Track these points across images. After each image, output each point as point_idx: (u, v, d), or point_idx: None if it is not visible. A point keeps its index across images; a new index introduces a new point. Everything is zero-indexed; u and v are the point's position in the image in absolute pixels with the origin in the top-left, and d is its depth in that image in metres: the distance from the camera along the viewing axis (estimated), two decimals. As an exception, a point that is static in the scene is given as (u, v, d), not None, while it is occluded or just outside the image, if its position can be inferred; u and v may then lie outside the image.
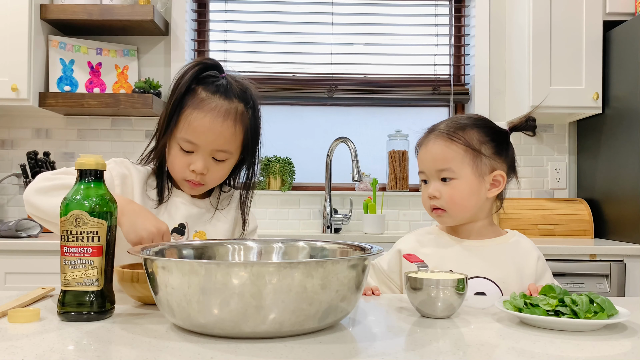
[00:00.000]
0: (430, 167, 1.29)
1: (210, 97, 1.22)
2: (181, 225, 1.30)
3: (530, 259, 1.30)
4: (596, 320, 0.84)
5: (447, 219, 1.30)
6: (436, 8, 3.04)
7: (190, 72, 1.24)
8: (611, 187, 2.50)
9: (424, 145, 1.31)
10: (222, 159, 1.25)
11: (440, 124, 1.32)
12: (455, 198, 1.26)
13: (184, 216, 1.31)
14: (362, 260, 0.84)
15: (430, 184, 1.29)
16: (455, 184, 1.26)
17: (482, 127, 1.29)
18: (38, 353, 0.71)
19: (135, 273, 0.98)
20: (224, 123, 1.21)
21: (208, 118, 1.20)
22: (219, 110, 1.21)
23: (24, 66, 2.45)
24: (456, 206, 1.27)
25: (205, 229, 1.33)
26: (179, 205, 1.31)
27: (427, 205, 1.32)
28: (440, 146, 1.27)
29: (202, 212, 1.34)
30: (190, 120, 1.21)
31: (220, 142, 1.22)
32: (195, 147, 1.22)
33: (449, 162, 1.26)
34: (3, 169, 2.80)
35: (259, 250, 1.08)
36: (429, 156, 1.29)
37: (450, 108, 3.02)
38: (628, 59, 2.36)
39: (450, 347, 0.77)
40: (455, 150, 1.26)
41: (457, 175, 1.26)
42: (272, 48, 3.01)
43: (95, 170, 0.92)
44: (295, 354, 0.72)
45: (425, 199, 1.31)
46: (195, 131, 1.21)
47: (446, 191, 1.26)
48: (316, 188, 2.92)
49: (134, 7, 2.58)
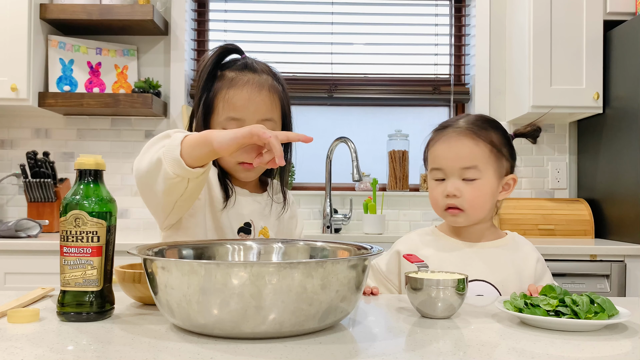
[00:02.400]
0: (453, 165, 1.23)
1: (240, 74, 1.25)
2: (247, 224, 1.29)
3: (530, 261, 1.29)
4: (597, 321, 0.84)
5: (461, 219, 1.26)
6: (436, 8, 3.04)
7: (211, 59, 1.26)
8: (612, 187, 2.50)
9: (444, 141, 1.26)
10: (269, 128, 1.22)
11: (456, 121, 1.27)
12: (476, 199, 1.23)
13: (249, 214, 1.29)
14: (362, 261, 0.84)
15: (449, 182, 1.24)
16: (478, 185, 1.23)
17: (500, 129, 1.28)
18: (38, 353, 0.71)
19: (137, 274, 0.98)
20: (261, 92, 1.23)
21: (245, 90, 1.22)
22: (252, 82, 1.24)
23: (24, 66, 2.45)
24: (475, 207, 1.24)
25: (267, 224, 1.32)
26: (242, 203, 1.29)
27: (440, 204, 1.26)
28: (467, 144, 1.23)
29: (262, 207, 1.32)
30: (227, 99, 1.23)
31: (263, 110, 1.23)
32: (240, 122, 1.21)
33: (475, 161, 1.22)
34: (2, 169, 2.80)
35: (259, 250, 1.08)
36: (453, 153, 1.24)
37: (450, 108, 3.02)
38: (628, 59, 2.36)
39: (451, 347, 0.77)
40: (482, 149, 1.23)
41: (482, 175, 1.23)
42: (272, 48, 3.01)
43: (95, 170, 0.92)
44: (295, 354, 0.72)
45: (439, 197, 1.25)
46: (236, 106, 1.22)
47: (468, 191, 1.22)
48: (316, 188, 2.92)
49: (133, 6, 2.58)
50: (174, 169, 0.97)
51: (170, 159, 0.97)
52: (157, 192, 1.04)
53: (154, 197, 1.07)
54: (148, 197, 1.10)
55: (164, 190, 1.03)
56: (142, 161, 1.04)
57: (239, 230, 1.27)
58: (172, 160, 0.97)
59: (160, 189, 1.03)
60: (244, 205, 1.29)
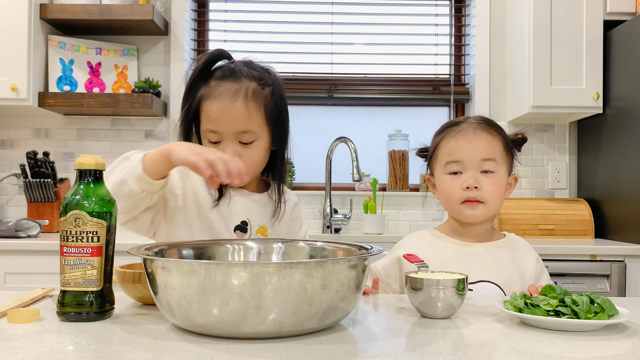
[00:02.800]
0: (474, 156, 1.23)
1: (218, 83, 1.22)
2: (243, 223, 1.29)
3: (530, 260, 1.30)
4: (597, 321, 0.84)
5: (480, 212, 1.25)
6: (436, 8, 3.04)
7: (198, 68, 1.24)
8: (612, 187, 2.50)
9: (462, 135, 1.25)
10: (249, 140, 1.21)
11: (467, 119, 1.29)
12: (495, 191, 1.23)
13: (245, 213, 1.29)
14: (362, 261, 0.84)
15: (468, 174, 1.24)
16: (496, 178, 1.24)
17: (503, 130, 1.31)
18: (38, 353, 0.71)
19: (137, 274, 0.98)
20: (235, 103, 1.19)
21: (217, 102, 1.19)
22: (227, 92, 1.20)
23: (24, 66, 2.45)
24: (495, 200, 1.24)
25: (266, 224, 1.32)
26: (238, 203, 1.29)
27: (457, 197, 1.24)
28: (487, 137, 1.25)
29: (261, 206, 1.32)
30: (204, 110, 1.21)
31: (239, 122, 1.19)
32: (218, 135, 1.21)
33: (494, 153, 1.24)
34: (2, 169, 2.80)
35: (259, 250, 1.08)
36: (473, 145, 1.24)
37: (450, 108, 3.02)
38: (628, 59, 2.36)
39: (451, 347, 0.77)
40: (499, 144, 1.25)
41: (498, 170, 1.24)
42: (272, 48, 3.01)
43: (95, 170, 0.92)
44: (295, 354, 0.72)
45: (456, 189, 1.24)
46: (211, 118, 1.20)
47: (488, 183, 1.23)
48: (316, 188, 2.92)
49: (133, 6, 2.58)
50: (140, 184, 1.06)
51: (135, 176, 1.06)
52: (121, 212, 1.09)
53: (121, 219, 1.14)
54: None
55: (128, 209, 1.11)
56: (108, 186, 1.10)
57: (235, 229, 1.28)
58: (136, 177, 1.06)
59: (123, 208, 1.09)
60: (241, 204, 1.29)
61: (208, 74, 1.25)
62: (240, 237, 1.27)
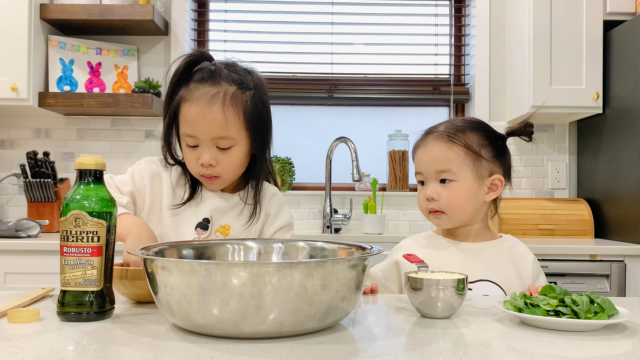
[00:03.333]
0: (429, 168, 1.27)
1: (197, 87, 1.20)
2: (205, 220, 1.30)
3: (527, 261, 1.30)
4: (596, 321, 0.84)
5: (444, 222, 1.29)
6: (436, 8, 3.04)
7: (178, 70, 1.24)
8: (611, 187, 2.50)
9: (423, 146, 1.30)
10: (226, 146, 1.21)
11: (438, 126, 1.31)
12: (454, 200, 1.25)
13: (210, 210, 1.30)
14: (362, 260, 0.84)
15: (428, 186, 1.28)
16: (455, 186, 1.25)
17: (481, 130, 1.29)
18: (38, 353, 0.71)
19: (124, 270, 0.98)
20: (212, 108, 1.17)
21: (194, 106, 1.18)
22: (204, 96, 1.18)
23: (24, 66, 2.45)
24: (455, 209, 1.26)
25: (231, 223, 1.31)
26: (206, 200, 1.31)
27: (423, 208, 1.30)
28: (441, 147, 1.26)
29: (230, 205, 1.32)
30: (182, 114, 1.21)
31: (215, 128, 1.18)
32: (196, 139, 1.21)
33: (449, 164, 1.25)
34: (3, 169, 2.80)
35: (259, 250, 1.08)
36: (429, 157, 1.27)
37: (450, 108, 3.02)
38: (628, 59, 2.36)
39: (451, 347, 0.77)
40: (456, 152, 1.25)
41: (457, 177, 1.25)
42: (272, 48, 3.01)
43: (95, 170, 0.92)
44: (295, 354, 0.72)
45: (422, 200, 1.29)
46: (189, 123, 1.20)
47: (445, 193, 1.25)
48: (316, 188, 2.92)
49: (133, 7, 2.58)
50: None
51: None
52: None
53: None
54: None
55: None
56: None
57: (196, 226, 1.29)
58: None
59: None
60: (208, 202, 1.31)
61: (188, 76, 1.23)
62: (199, 234, 1.28)
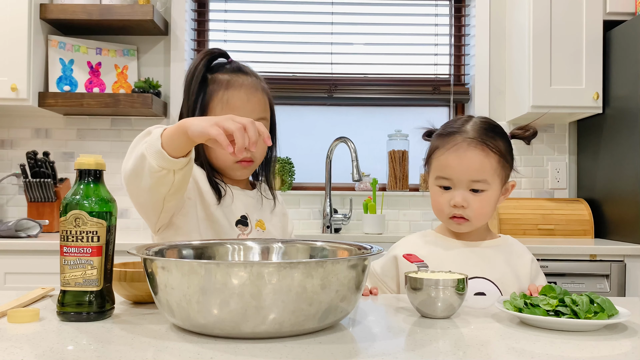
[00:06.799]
0: (462, 177, 1.21)
1: (235, 77, 1.30)
2: (243, 217, 1.32)
3: (525, 260, 1.30)
4: (596, 321, 0.84)
5: (465, 227, 1.26)
6: (436, 8, 3.04)
7: (202, 62, 1.30)
8: (611, 187, 2.50)
9: (454, 151, 1.22)
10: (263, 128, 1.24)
11: (464, 127, 1.24)
12: (482, 209, 1.22)
13: (243, 207, 1.33)
14: (362, 260, 0.84)
15: (456, 192, 1.22)
16: (485, 196, 1.22)
17: (504, 135, 1.26)
18: (38, 353, 0.71)
19: (123, 272, 0.98)
20: (256, 93, 1.30)
21: (243, 91, 1.28)
22: (248, 84, 1.30)
23: (24, 66, 2.45)
24: (480, 217, 1.24)
25: (262, 218, 1.37)
26: (236, 199, 1.32)
27: (446, 212, 1.24)
28: (479, 156, 1.20)
29: (255, 201, 1.37)
30: (225, 100, 1.28)
31: (258, 110, 1.30)
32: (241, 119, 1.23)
33: (485, 174, 1.21)
34: (2, 169, 2.80)
35: (259, 250, 1.08)
36: (464, 165, 1.21)
37: (450, 108, 3.02)
38: (628, 59, 2.36)
39: (451, 347, 0.77)
40: (492, 162, 1.21)
41: (489, 187, 1.22)
42: (272, 48, 3.01)
43: (95, 170, 0.92)
44: (295, 354, 0.72)
45: (445, 206, 1.24)
46: (235, 107, 1.27)
47: (475, 202, 1.22)
48: (316, 188, 2.92)
49: (133, 7, 2.58)
50: (158, 161, 1.00)
51: (153, 152, 1.00)
52: (145, 189, 1.06)
53: (142, 195, 1.10)
54: (137, 197, 1.12)
55: (150, 186, 1.04)
56: (128, 161, 1.08)
57: (236, 223, 1.30)
58: (155, 153, 1.00)
59: (147, 185, 1.04)
60: (238, 200, 1.33)
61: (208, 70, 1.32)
62: (242, 230, 1.30)
